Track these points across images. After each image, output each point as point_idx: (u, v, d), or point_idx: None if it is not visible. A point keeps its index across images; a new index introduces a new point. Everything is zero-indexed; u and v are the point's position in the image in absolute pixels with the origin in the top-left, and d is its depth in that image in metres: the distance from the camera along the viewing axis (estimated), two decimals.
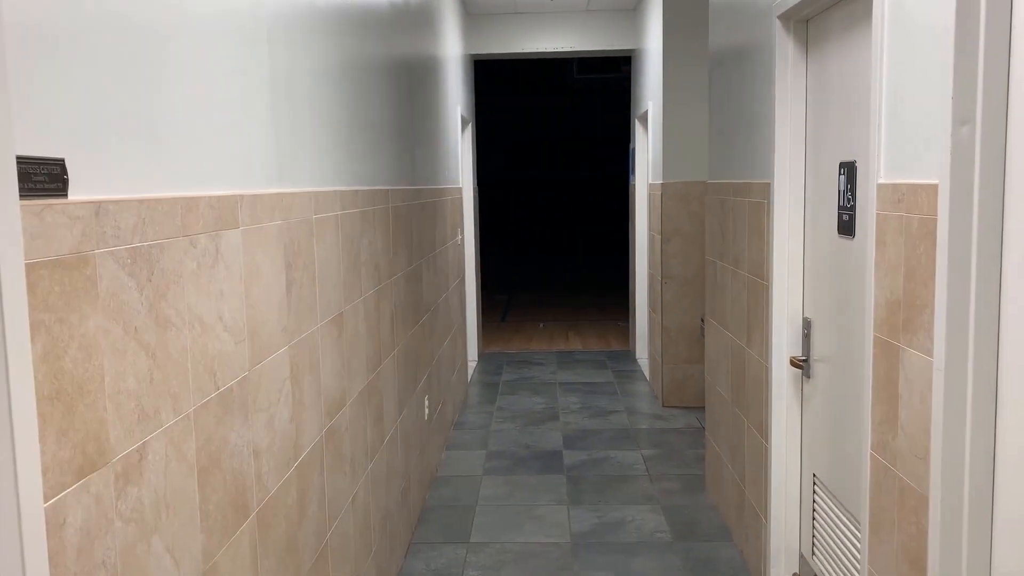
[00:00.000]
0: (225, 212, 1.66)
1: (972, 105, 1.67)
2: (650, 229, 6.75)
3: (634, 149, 7.79)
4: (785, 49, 2.96)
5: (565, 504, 4.22)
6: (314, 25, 2.38)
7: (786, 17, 2.92)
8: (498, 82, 12.25)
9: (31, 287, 1.04)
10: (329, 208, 2.46)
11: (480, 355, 7.94)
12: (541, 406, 6.11)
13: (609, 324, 9.57)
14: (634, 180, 7.78)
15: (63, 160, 1.13)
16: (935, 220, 1.77)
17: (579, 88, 13.83)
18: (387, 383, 3.32)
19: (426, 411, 4.35)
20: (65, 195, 1.13)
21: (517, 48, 7.56)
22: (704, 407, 5.93)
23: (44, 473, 1.06)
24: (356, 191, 2.84)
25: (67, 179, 1.13)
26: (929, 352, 1.82)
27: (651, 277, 6.72)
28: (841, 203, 2.60)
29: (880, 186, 2.07)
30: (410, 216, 3.97)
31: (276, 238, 1.98)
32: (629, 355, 7.91)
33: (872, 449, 2.15)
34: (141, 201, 1.32)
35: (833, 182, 2.67)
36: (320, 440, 2.32)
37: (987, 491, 1.71)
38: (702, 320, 5.69)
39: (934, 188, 1.77)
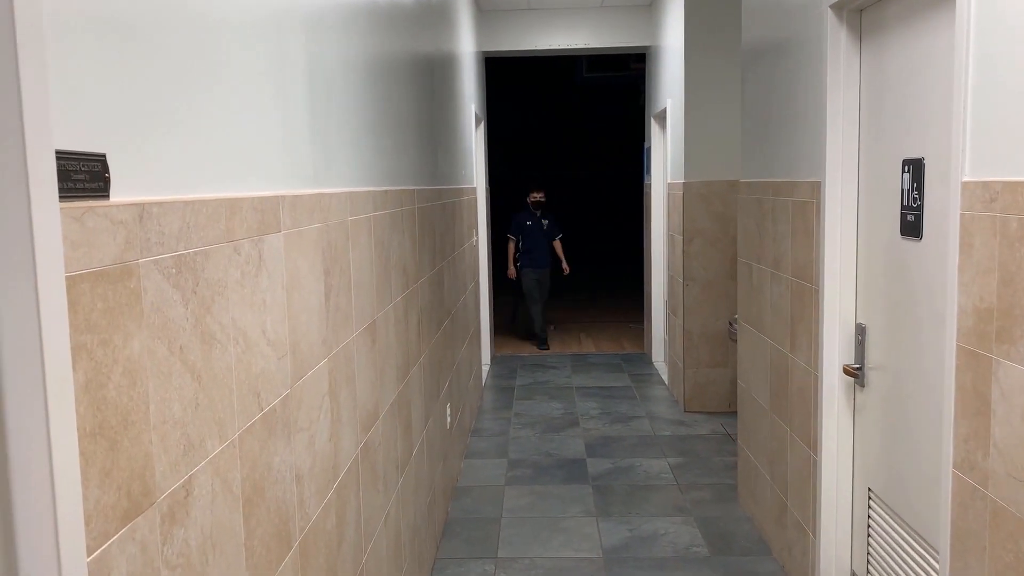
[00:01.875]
0: (268, 214, 1.51)
1: None
2: (669, 230, 6.59)
3: (649, 148, 7.63)
4: (838, 41, 2.81)
5: (593, 516, 4.06)
6: (346, 20, 2.23)
7: (839, 7, 2.76)
8: (507, 81, 12.09)
9: (72, 305, 0.88)
10: (363, 209, 2.31)
11: (492, 358, 7.79)
12: (559, 411, 5.96)
13: (622, 326, 9.41)
14: (649, 179, 7.62)
15: (104, 156, 0.97)
16: None
17: (587, 87, 13.68)
18: (414, 392, 3.17)
19: (448, 419, 4.20)
20: (107, 196, 0.98)
21: (530, 45, 7.40)
22: (729, 412, 5.80)
23: (87, 523, 0.90)
24: (386, 191, 2.68)
25: (108, 178, 0.98)
26: None
27: (671, 279, 6.56)
28: (905, 203, 2.45)
29: (965, 184, 1.92)
30: (433, 217, 3.82)
31: (315, 242, 1.82)
32: (645, 358, 7.75)
33: (955, 468, 2.00)
34: (186, 203, 1.17)
35: (894, 180, 2.51)
36: (356, 457, 2.17)
37: None
38: (731, 324, 5.54)
39: None
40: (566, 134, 15.38)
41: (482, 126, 7.31)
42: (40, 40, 0.82)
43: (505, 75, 11.48)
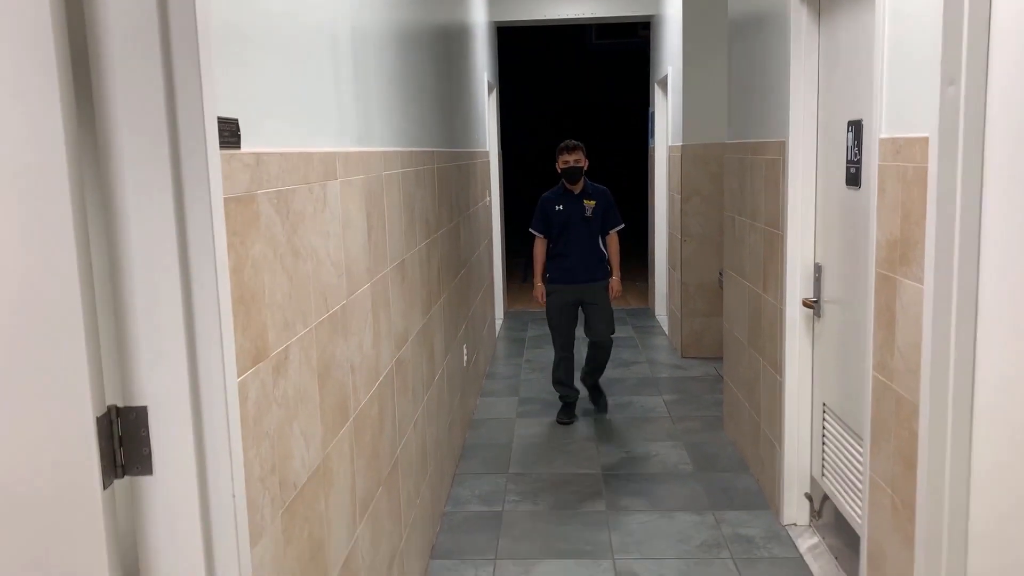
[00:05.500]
0: (329, 166, 2.00)
1: (957, 68, 1.97)
2: (670, 190, 7.03)
3: (653, 113, 8.04)
4: (800, 18, 3.24)
5: (594, 441, 4.58)
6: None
7: None
8: (519, 48, 12.45)
9: (226, 216, 1.38)
10: (394, 166, 2.79)
11: (505, 313, 8.29)
12: None
13: (627, 283, 9.88)
14: (653, 143, 8.04)
15: (237, 120, 1.46)
16: (926, 168, 2.08)
17: (597, 53, 14.01)
18: (436, 327, 3.67)
19: (464, 358, 4.71)
20: (239, 147, 1.46)
21: (539, 15, 7.79)
22: (720, 357, 6.25)
23: (237, 358, 1.41)
24: (412, 152, 3.16)
25: (240, 135, 1.47)
26: (920, 280, 2.13)
27: (671, 236, 7.02)
28: (849, 157, 2.90)
29: (881, 140, 2.38)
30: (450, 176, 4.29)
31: (360, 190, 2.31)
32: (648, 312, 8.23)
33: (874, 370, 2.48)
34: (281, 154, 1.66)
35: (842, 139, 2.96)
36: (392, 367, 2.68)
37: (967, 394, 2.03)
38: (720, 274, 6.00)
39: (925, 140, 2.08)
40: (577, 100, 15.72)
41: (494, 93, 7.73)
42: (208, 49, 1.30)
43: (517, 43, 11.84)
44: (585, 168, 4.85)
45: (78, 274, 1.23)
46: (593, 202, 4.87)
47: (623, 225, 5.00)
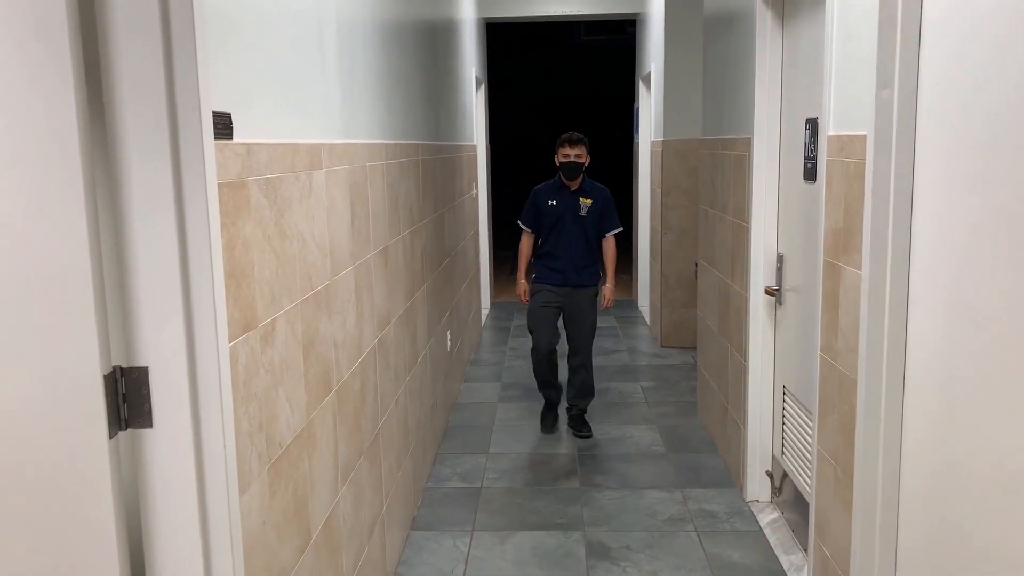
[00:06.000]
0: (314, 156, 2.17)
1: (891, 73, 2.15)
2: (652, 184, 7.22)
3: (638, 108, 8.23)
4: (765, 21, 3.42)
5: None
6: None
7: None
8: (508, 43, 12.60)
9: (220, 199, 1.55)
10: (377, 158, 2.96)
11: (491, 303, 8.47)
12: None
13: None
14: (638, 138, 8.22)
15: (230, 114, 1.63)
16: (864, 163, 2.27)
17: (586, 49, 14.18)
18: (419, 312, 3.84)
19: (448, 344, 4.89)
20: (231, 138, 1.63)
21: (527, 12, 7.95)
22: (697, 349, 6.48)
23: (229, 324, 1.58)
24: (396, 144, 3.33)
25: (232, 127, 1.64)
26: (859, 267, 2.32)
27: (652, 229, 7.20)
28: (806, 154, 3.09)
29: (829, 137, 2.56)
30: (435, 169, 4.46)
31: (344, 180, 2.48)
32: (631, 303, 8.43)
33: (821, 351, 2.67)
34: (270, 145, 1.83)
35: (801, 136, 3.15)
36: (374, 346, 2.85)
37: (899, 370, 2.22)
38: (695, 265, 6.19)
39: (863, 138, 2.26)
40: (565, 95, 15.88)
41: (483, 88, 7.90)
42: (204, 49, 1.47)
43: (506, 39, 12.00)
44: (586, 165, 4.50)
45: (88, 249, 1.40)
46: (590, 200, 4.51)
47: (621, 228, 4.63)
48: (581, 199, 4.52)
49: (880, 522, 2.28)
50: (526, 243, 4.72)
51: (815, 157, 2.99)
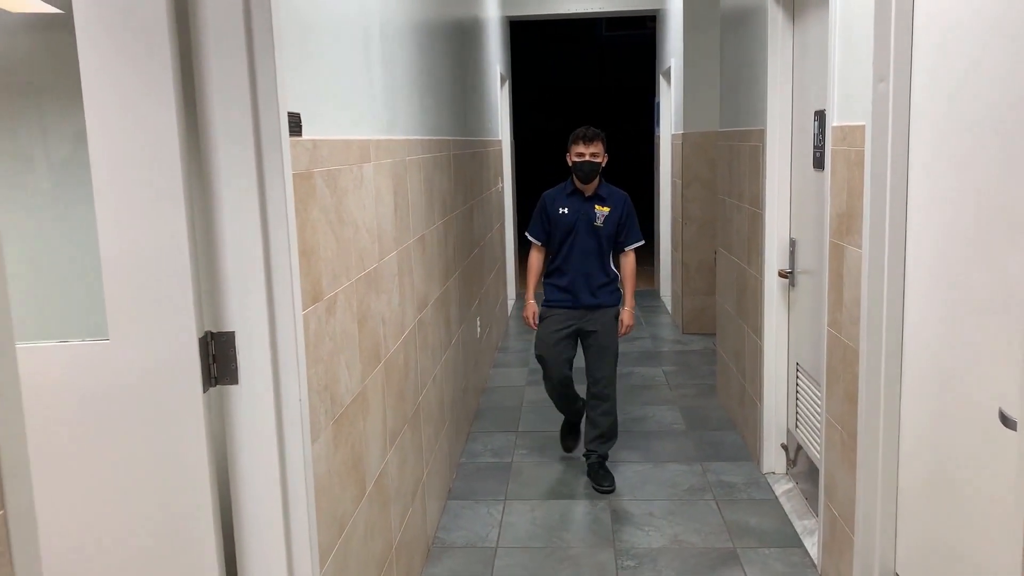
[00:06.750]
0: (364, 152, 2.42)
1: (887, 67, 2.36)
2: (672, 176, 7.42)
3: (659, 102, 8.42)
4: (776, 18, 3.63)
5: None
6: None
7: None
8: (531, 39, 12.82)
9: (294, 188, 1.80)
10: (416, 152, 3.21)
11: (517, 293, 8.71)
12: None
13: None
14: (659, 131, 8.42)
15: (300, 114, 1.88)
16: (864, 152, 2.48)
17: (607, 44, 14.37)
18: (452, 297, 4.09)
19: (478, 330, 5.13)
20: (301, 135, 1.88)
21: (549, 10, 8.17)
22: (717, 334, 6.69)
23: (303, 296, 1.83)
24: (431, 140, 3.58)
25: (302, 125, 1.89)
26: (859, 246, 2.53)
27: (673, 220, 7.41)
28: (815, 143, 3.29)
29: (834, 128, 2.77)
30: (464, 163, 4.70)
31: (389, 172, 2.73)
32: (654, 293, 8.63)
33: (828, 326, 2.88)
34: (331, 141, 2.08)
35: (810, 127, 3.35)
36: (415, 326, 3.10)
37: (897, 339, 2.43)
38: (715, 253, 6.39)
39: (863, 128, 2.47)
40: (587, 89, 16.08)
41: (507, 85, 8.13)
42: (283, 59, 1.72)
43: (530, 34, 12.21)
44: (604, 165, 3.85)
45: (187, 233, 1.66)
46: (607, 209, 3.84)
47: (643, 241, 3.96)
48: (597, 207, 3.85)
49: (882, 476, 2.49)
50: (535, 258, 4.06)
51: (823, 147, 3.19)
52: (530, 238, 4.06)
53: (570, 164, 3.89)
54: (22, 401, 0.93)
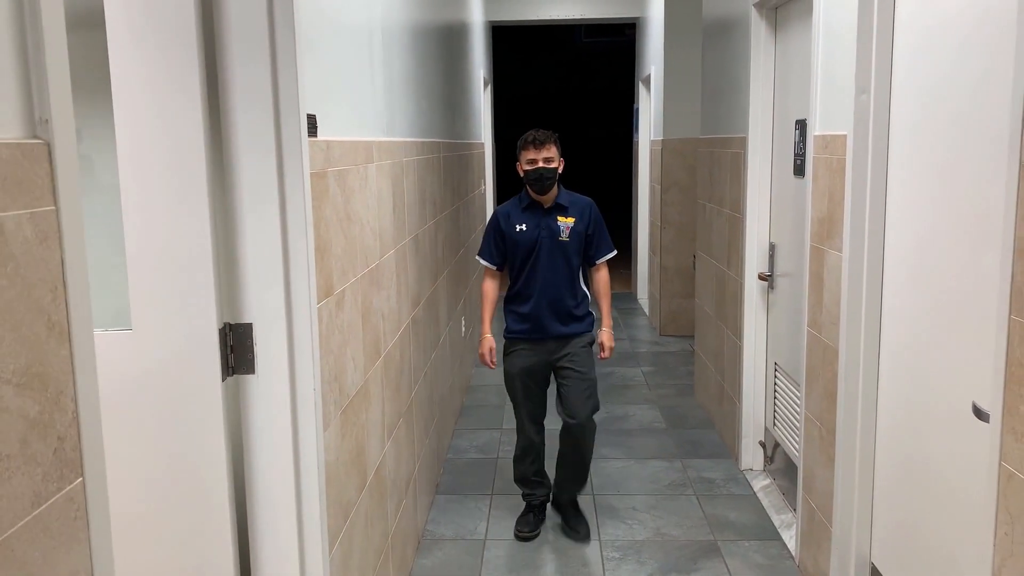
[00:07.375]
0: (368, 152, 2.50)
1: (868, 79, 2.49)
2: (651, 181, 7.56)
3: (638, 109, 8.56)
4: (759, 30, 3.76)
5: None
6: (400, 3, 3.18)
7: (760, 5, 3.72)
8: (512, 44, 12.94)
9: (312, 185, 1.88)
10: (411, 154, 3.29)
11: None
12: None
13: (613, 271, 10.41)
14: (637, 137, 8.56)
15: (315, 116, 1.96)
16: (845, 160, 2.60)
17: (585, 50, 14.53)
18: (441, 296, 4.18)
19: (463, 329, 5.22)
20: (316, 136, 1.96)
21: (531, 16, 8.28)
22: (694, 335, 6.83)
23: (318, 289, 1.91)
24: (424, 142, 3.66)
25: (317, 126, 1.97)
26: (840, 249, 2.66)
27: (652, 224, 7.55)
28: (796, 151, 3.43)
29: (815, 136, 2.90)
30: (452, 164, 4.79)
31: (388, 173, 2.81)
32: (631, 296, 8.77)
33: (808, 326, 3.01)
34: (340, 142, 2.16)
35: (791, 135, 3.49)
36: (409, 323, 3.18)
37: (875, 339, 2.56)
38: (694, 258, 6.54)
39: (844, 137, 2.60)
40: (566, 96, 16.23)
41: (489, 88, 8.23)
42: (304, 65, 1.80)
43: (511, 40, 12.33)
44: (560, 171, 3.29)
45: (209, 227, 1.73)
46: (572, 219, 3.32)
47: (615, 252, 3.51)
48: (560, 218, 3.32)
49: (859, 469, 2.62)
50: (490, 285, 3.54)
51: (803, 154, 3.33)
52: (482, 262, 3.50)
53: (521, 174, 3.30)
54: (98, 382, 1.00)
